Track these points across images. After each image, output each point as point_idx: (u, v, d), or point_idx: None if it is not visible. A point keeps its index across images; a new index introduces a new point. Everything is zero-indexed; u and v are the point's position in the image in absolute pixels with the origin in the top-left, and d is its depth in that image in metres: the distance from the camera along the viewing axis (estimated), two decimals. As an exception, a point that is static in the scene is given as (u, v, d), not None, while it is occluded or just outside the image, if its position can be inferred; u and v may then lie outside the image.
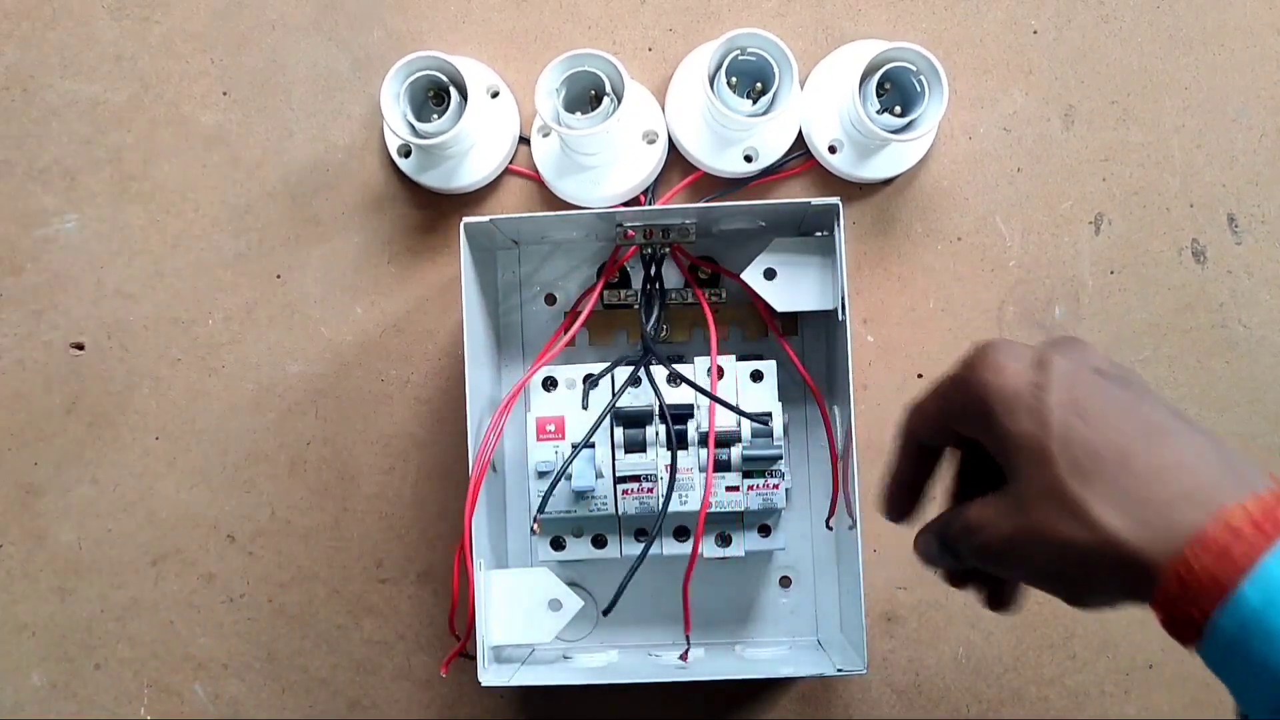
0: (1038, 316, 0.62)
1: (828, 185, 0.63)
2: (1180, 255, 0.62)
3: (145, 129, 0.64)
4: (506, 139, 0.62)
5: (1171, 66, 0.62)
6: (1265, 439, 0.61)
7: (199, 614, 0.63)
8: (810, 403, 0.61)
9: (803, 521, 0.62)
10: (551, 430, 0.57)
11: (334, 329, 0.63)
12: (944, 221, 0.62)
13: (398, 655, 0.63)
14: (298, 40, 0.64)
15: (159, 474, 0.63)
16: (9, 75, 0.64)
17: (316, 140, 0.64)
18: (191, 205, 0.64)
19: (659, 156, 0.62)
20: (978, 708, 0.61)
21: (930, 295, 0.62)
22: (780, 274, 0.57)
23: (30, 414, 0.64)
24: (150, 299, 0.64)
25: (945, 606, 0.61)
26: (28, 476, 0.64)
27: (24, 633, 0.64)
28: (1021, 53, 0.63)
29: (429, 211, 0.63)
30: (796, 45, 0.62)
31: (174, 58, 0.64)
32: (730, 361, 0.57)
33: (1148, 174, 0.62)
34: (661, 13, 0.63)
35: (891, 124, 0.58)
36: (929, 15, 0.63)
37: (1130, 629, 0.61)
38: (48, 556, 0.64)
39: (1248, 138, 0.62)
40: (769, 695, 0.62)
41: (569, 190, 0.62)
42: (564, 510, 0.57)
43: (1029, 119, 0.62)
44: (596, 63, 0.57)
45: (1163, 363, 0.62)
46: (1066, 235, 0.62)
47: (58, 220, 0.64)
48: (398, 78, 0.58)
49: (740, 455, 0.56)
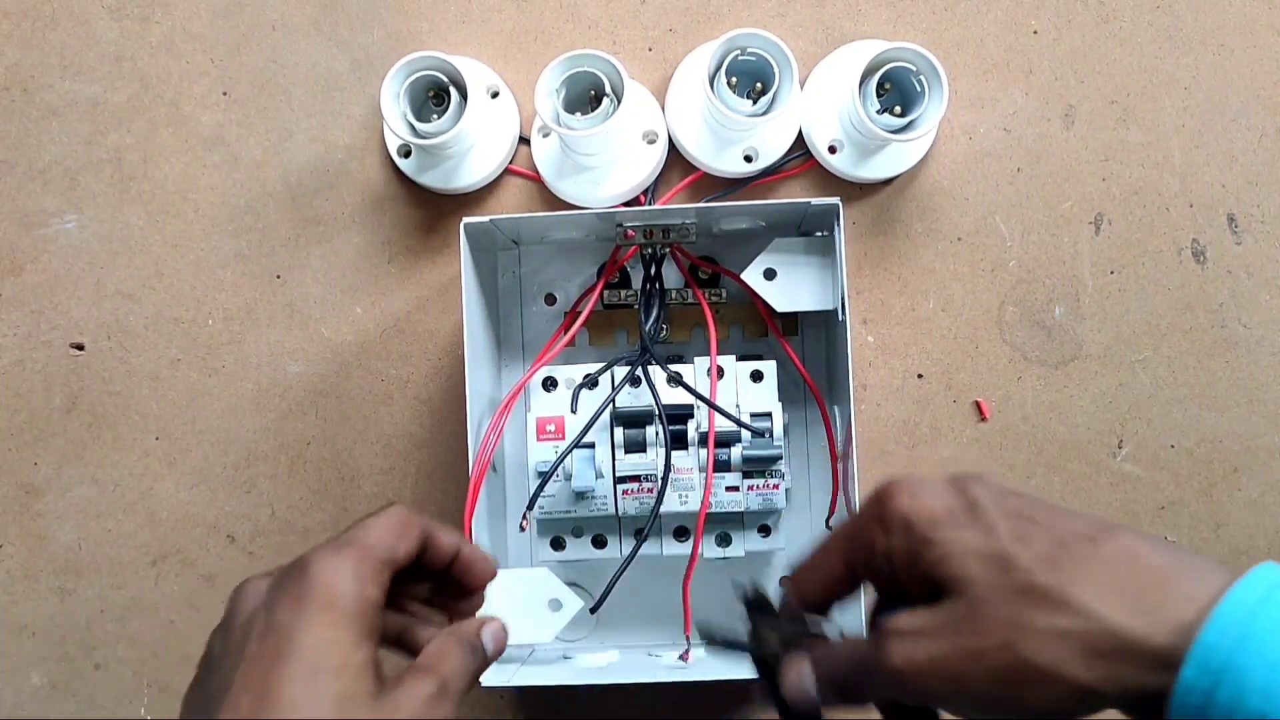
0: (1038, 316, 0.62)
1: (828, 185, 0.63)
2: (1180, 255, 0.62)
3: (145, 129, 0.64)
4: (506, 139, 0.62)
5: (1171, 66, 0.62)
6: (1265, 439, 0.62)
7: (199, 614, 0.63)
8: (810, 403, 0.61)
9: (803, 521, 0.62)
10: (551, 430, 0.57)
11: (334, 329, 0.63)
12: (944, 221, 0.62)
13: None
14: (298, 40, 0.64)
15: (159, 474, 0.63)
16: (9, 75, 0.64)
17: (316, 140, 0.64)
18: (191, 205, 0.64)
19: (659, 156, 0.62)
20: (978, 708, 0.61)
21: (930, 295, 0.62)
22: (780, 274, 0.57)
23: (30, 414, 0.64)
24: (150, 299, 0.64)
25: (945, 606, 0.61)
26: (28, 476, 0.64)
27: (24, 633, 0.64)
28: (1021, 53, 0.63)
29: (429, 211, 0.63)
30: (796, 45, 0.62)
31: (174, 58, 0.64)
32: (730, 361, 0.57)
33: (1148, 174, 0.62)
34: (661, 13, 0.63)
35: (891, 124, 0.58)
36: (929, 15, 0.63)
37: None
38: (48, 556, 0.64)
39: (1247, 138, 0.62)
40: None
41: (569, 190, 0.62)
42: (564, 510, 0.57)
43: (1029, 119, 0.62)
44: (596, 63, 0.57)
45: (1163, 363, 0.62)
46: (1066, 235, 0.62)
47: (58, 220, 0.64)
48: (398, 78, 0.58)
49: (740, 455, 0.56)
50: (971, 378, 0.62)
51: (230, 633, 0.39)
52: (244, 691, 0.37)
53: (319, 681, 0.37)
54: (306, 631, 0.37)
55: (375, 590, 0.39)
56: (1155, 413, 0.62)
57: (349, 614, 0.38)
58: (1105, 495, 0.62)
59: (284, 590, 0.39)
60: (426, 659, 0.41)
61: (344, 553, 0.39)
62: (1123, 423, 0.62)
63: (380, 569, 0.40)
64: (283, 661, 0.37)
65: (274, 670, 0.37)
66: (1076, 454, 0.62)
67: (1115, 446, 0.62)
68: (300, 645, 0.37)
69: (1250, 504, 0.62)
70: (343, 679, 0.37)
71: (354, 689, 0.37)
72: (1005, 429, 0.62)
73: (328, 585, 0.38)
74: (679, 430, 0.56)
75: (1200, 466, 0.62)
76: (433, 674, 0.40)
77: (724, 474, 0.56)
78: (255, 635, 0.38)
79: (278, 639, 0.37)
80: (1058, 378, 0.62)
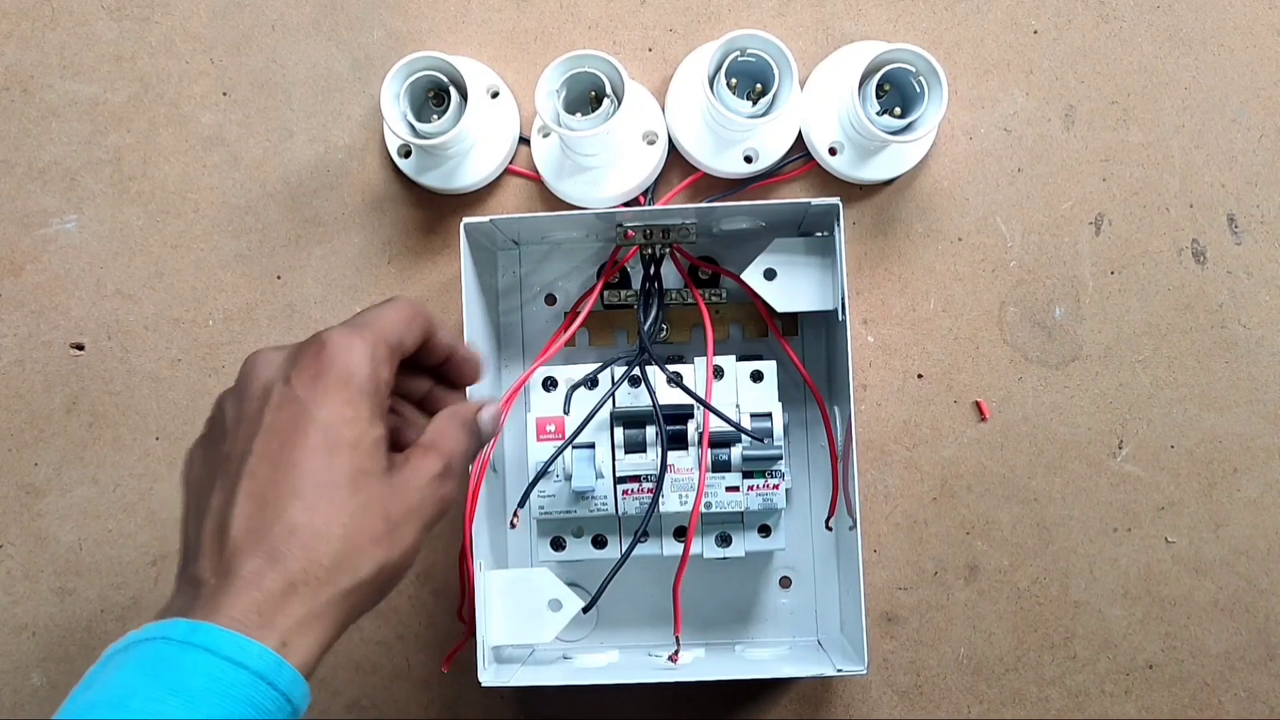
0: (1038, 317, 0.62)
1: (828, 186, 0.63)
2: (1180, 255, 0.62)
3: (145, 129, 0.64)
4: (506, 139, 0.62)
5: (1171, 66, 0.62)
6: (1265, 439, 0.62)
7: (199, 614, 0.63)
8: (810, 403, 0.61)
9: (803, 521, 0.62)
10: (551, 430, 0.57)
11: (334, 329, 0.63)
12: (944, 222, 0.62)
13: (397, 655, 0.63)
14: (298, 40, 0.64)
15: (159, 474, 0.63)
16: (9, 75, 0.64)
17: (316, 140, 0.64)
18: (191, 205, 0.64)
19: (659, 157, 0.62)
20: (978, 708, 0.61)
21: (930, 295, 0.62)
22: (780, 274, 0.57)
23: (30, 414, 0.64)
24: (150, 299, 0.64)
25: (946, 607, 0.61)
26: (28, 476, 0.64)
27: (24, 633, 0.64)
28: (1021, 53, 0.63)
29: (429, 211, 0.63)
30: (796, 46, 0.62)
31: (174, 58, 0.64)
32: (730, 361, 0.57)
33: (1148, 174, 0.62)
34: (661, 13, 0.63)
35: (891, 125, 0.58)
36: (929, 15, 0.63)
37: (1130, 629, 0.61)
38: (48, 556, 0.64)
39: (1247, 138, 0.62)
40: (769, 695, 0.62)
41: (569, 191, 0.62)
42: (564, 510, 0.57)
43: (1029, 119, 0.62)
44: (596, 63, 0.57)
45: (1163, 363, 0.62)
46: (1066, 235, 0.62)
47: (58, 220, 0.64)
48: (398, 78, 0.58)
49: (740, 455, 0.56)
50: (972, 378, 0.62)
51: (245, 400, 0.40)
52: (263, 460, 0.38)
53: (336, 456, 0.38)
54: (324, 407, 0.39)
55: (386, 373, 0.41)
56: (1155, 413, 0.62)
57: (364, 392, 0.39)
58: (1105, 495, 0.62)
59: (301, 365, 0.40)
60: (431, 438, 0.43)
61: (360, 334, 0.40)
62: (1123, 423, 0.62)
63: (391, 354, 0.41)
64: (300, 434, 0.38)
65: (292, 442, 0.38)
66: (1076, 454, 0.62)
67: (1115, 446, 0.62)
68: (317, 420, 0.38)
69: (1250, 504, 0.62)
70: (358, 454, 0.39)
71: (367, 465, 0.39)
72: (1005, 429, 0.62)
73: (344, 364, 0.39)
74: (679, 430, 0.56)
75: (1200, 466, 0.62)
76: (437, 452, 0.42)
77: (724, 474, 0.56)
78: (272, 405, 0.39)
79: (296, 411, 0.39)
80: (1058, 378, 0.62)
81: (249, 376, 0.41)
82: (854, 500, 0.55)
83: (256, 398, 0.40)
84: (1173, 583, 0.61)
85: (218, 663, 0.35)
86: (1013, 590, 0.61)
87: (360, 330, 0.41)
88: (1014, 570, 0.62)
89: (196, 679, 0.34)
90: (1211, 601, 0.61)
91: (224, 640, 0.35)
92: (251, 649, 0.35)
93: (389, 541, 0.39)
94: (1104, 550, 0.61)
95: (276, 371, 0.40)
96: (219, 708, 0.34)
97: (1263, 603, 0.61)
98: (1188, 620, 0.61)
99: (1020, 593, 0.61)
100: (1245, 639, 0.61)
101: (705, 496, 0.56)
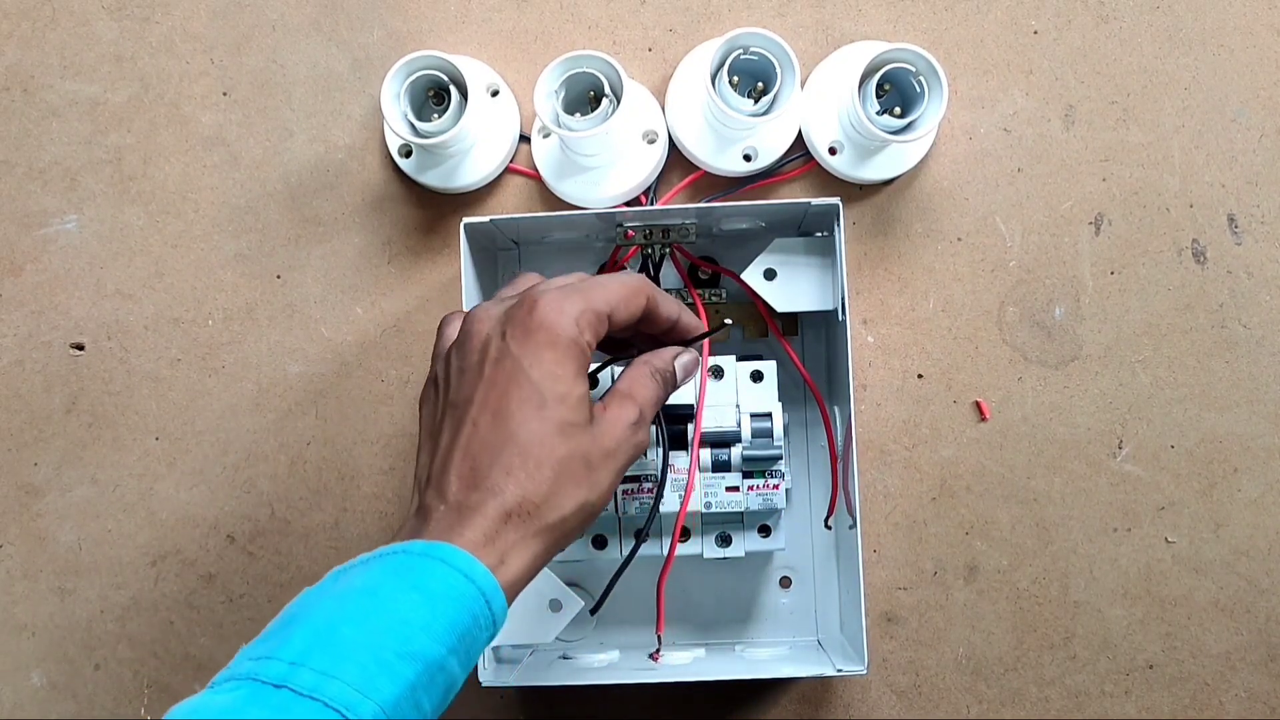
0: (1038, 317, 0.62)
1: (828, 186, 0.63)
2: (1180, 255, 0.62)
3: (145, 129, 0.64)
4: (506, 139, 0.62)
5: (1171, 66, 0.62)
6: (1265, 439, 0.62)
7: (199, 614, 0.63)
8: (810, 403, 0.61)
9: (803, 521, 0.62)
10: (551, 430, 0.56)
11: (334, 329, 0.63)
12: (944, 222, 0.62)
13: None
14: (298, 40, 0.64)
15: (159, 474, 0.63)
16: (9, 75, 0.64)
17: (316, 140, 0.64)
18: (191, 205, 0.64)
19: (659, 156, 0.62)
20: (978, 708, 0.61)
21: (930, 295, 0.62)
22: (780, 274, 0.57)
23: (30, 414, 0.64)
24: (150, 299, 0.64)
25: (945, 607, 0.61)
26: (28, 476, 0.64)
27: (24, 633, 0.64)
28: (1021, 53, 0.63)
29: (429, 211, 0.63)
30: (797, 45, 0.62)
31: (174, 58, 0.64)
32: (730, 362, 0.57)
33: (1148, 174, 0.62)
34: (661, 13, 0.63)
35: (891, 125, 0.58)
36: (929, 15, 0.63)
37: (1130, 629, 0.61)
38: (48, 556, 0.64)
39: (1247, 138, 0.62)
40: (769, 695, 0.62)
41: (569, 190, 0.62)
42: (564, 510, 0.57)
43: (1029, 119, 0.62)
44: (595, 64, 0.57)
45: (1163, 363, 0.62)
46: (1066, 235, 0.62)
47: (58, 220, 0.64)
48: (398, 77, 0.58)
49: (740, 455, 0.56)
50: (971, 378, 0.62)
51: (467, 353, 0.46)
52: (484, 409, 0.44)
53: (546, 408, 0.44)
54: (535, 365, 0.44)
55: (590, 337, 0.45)
56: (1155, 413, 0.62)
57: (569, 353, 0.44)
58: (1105, 495, 0.62)
59: (514, 322, 0.45)
60: (627, 386, 0.48)
61: (570, 299, 0.45)
62: (1123, 423, 0.62)
63: (598, 322, 0.46)
64: (516, 387, 0.44)
65: (509, 394, 0.44)
66: (1076, 454, 0.62)
67: (1115, 446, 0.62)
68: (530, 376, 0.44)
69: (1250, 504, 0.62)
70: (565, 408, 0.44)
71: (573, 417, 0.44)
72: (1005, 429, 0.62)
73: (551, 325, 0.44)
74: (679, 430, 0.56)
75: (1200, 466, 0.62)
76: (632, 401, 0.47)
77: (724, 474, 0.56)
78: (491, 359, 0.45)
79: (511, 367, 0.44)
80: (1058, 378, 0.62)
81: (469, 332, 0.46)
82: (854, 500, 0.55)
83: (477, 350, 0.45)
84: (1173, 583, 0.61)
85: (450, 572, 0.40)
86: (1012, 590, 0.62)
87: (570, 295, 0.45)
88: (1014, 570, 0.62)
89: (434, 583, 0.40)
90: (1212, 601, 0.61)
91: (456, 556, 0.41)
92: (477, 566, 0.41)
93: (589, 483, 0.44)
94: (1104, 550, 0.61)
95: (494, 326, 0.45)
96: (450, 610, 0.40)
97: (1263, 603, 0.61)
98: (1188, 620, 0.61)
99: (1020, 593, 0.61)
100: (1245, 639, 0.61)
101: (705, 496, 0.56)
